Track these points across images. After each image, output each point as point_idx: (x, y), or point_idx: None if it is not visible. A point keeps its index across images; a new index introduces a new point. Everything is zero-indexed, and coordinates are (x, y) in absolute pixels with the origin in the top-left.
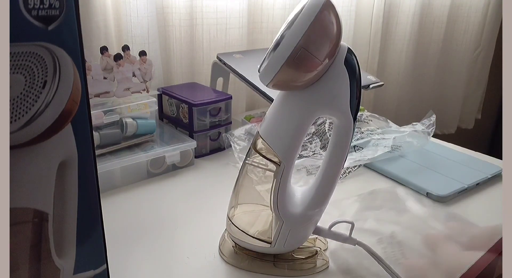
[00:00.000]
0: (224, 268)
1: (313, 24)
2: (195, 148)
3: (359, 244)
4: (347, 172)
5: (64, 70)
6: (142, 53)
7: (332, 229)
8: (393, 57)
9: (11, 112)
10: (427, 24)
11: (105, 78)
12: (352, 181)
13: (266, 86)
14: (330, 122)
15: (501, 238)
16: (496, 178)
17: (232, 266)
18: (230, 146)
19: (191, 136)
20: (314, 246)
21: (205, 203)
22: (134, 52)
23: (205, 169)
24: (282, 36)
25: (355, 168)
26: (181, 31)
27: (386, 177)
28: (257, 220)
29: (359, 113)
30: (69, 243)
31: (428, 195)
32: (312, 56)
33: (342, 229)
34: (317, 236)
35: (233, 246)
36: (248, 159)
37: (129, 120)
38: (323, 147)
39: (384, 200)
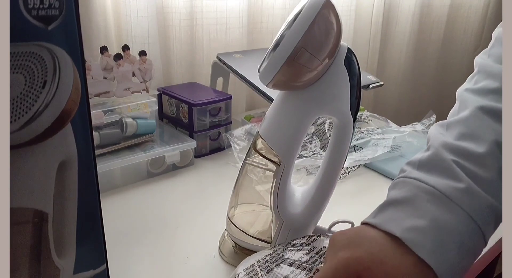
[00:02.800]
0: (224, 268)
1: (313, 24)
2: (195, 148)
3: None
4: (347, 172)
5: (64, 70)
6: (142, 53)
7: (332, 229)
8: (393, 57)
9: (11, 112)
10: (427, 24)
11: (105, 78)
12: (352, 181)
13: (266, 86)
14: (330, 122)
15: (501, 238)
16: None
17: (232, 266)
18: (230, 145)
19: (191, 136)
20: None
21: (205, 203)
22: (134, 52)
23: (205, 169)
24: (282, 36)
25: (355, 168)
26: (181, 31)
27: (386, 177)
28: (257, 220)
29: (359, 113)
30: (69, 243)
31: None
32: (312, 56)
33: (342, 229)
34: None
35: (233, 246)
36: (248, 158)
37: (129, 120)
38: (323, 147)
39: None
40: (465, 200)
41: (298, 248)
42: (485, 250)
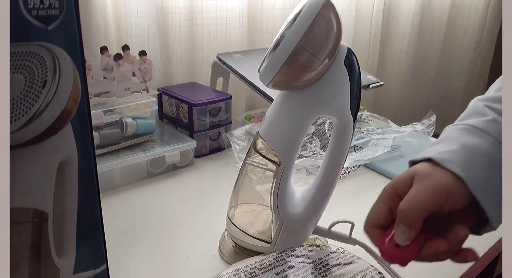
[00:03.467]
0: (224, 268)
1: (313, 24)
2: (195, 148)
3: (359, 244)
4: (347, 172)
5: (64, 70)
6: (142, 53)
7: (332, 229)
8: (393, 57)
9: (11, 112)
10: (427, 24)
11: (105, 78)
12: (352, 181)
13: (266, 86)
14: (330, 122)
15: (501, 238)
16: None
17: None
18: (230, 145)
19: (191, 136)
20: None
21: (205, 202)
22: (134, 52)
23: (205, 169)
24: (282, 36)
25: (355, 168)
26: (181, 31)
27: (386, 177)
28: (257, 220)
29: (359, 113)
30: (69, 243)
31: None
32: (312, 56)
33: (342, 229)
34: (317, 236)
35: (233, 246)
36: (248, 158)
37: (129, 120)
38: (323, 147)
39: None
40: (492, 127)
41: (292, 256)
42: (484, 250)
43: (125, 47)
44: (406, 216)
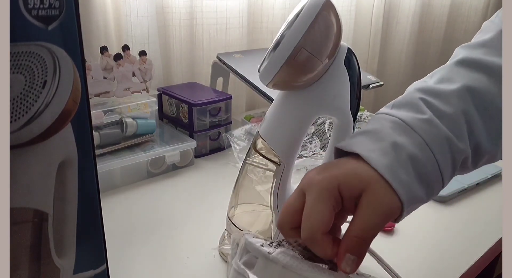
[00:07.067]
0: (224, 268)
1: (313, 24)
2: (195, 148)
3: None
4: None
5: (64, 70)
6: (142, 53)
7: None
8: (393, 57)
9: (11, 112)
10: (427, 24)
11: (105, 78)
12: None
13: (266, 86)
14: (330, 122)
15: (501, 238)
16: (496, 178)
17: None
18: (230, 145)
19: (191, 136)
20: None
21: (205, 202)
22: (134, 52)
23: (205, 169)
24: (282, 36)
25: None
26: (181, 31)
27: None
28: (257, 220)
29: (359, 113)
30: (69, 243)
31: None
32: (312, 56)
33: (342, 229)
34: None
35: None
36: (248, 158)
37: (129, 120)
38: (323, 147)
39: None
40: (423, 128)
41: None
42: (484, 250)
43: (125, 47)
44: (358, 246)
